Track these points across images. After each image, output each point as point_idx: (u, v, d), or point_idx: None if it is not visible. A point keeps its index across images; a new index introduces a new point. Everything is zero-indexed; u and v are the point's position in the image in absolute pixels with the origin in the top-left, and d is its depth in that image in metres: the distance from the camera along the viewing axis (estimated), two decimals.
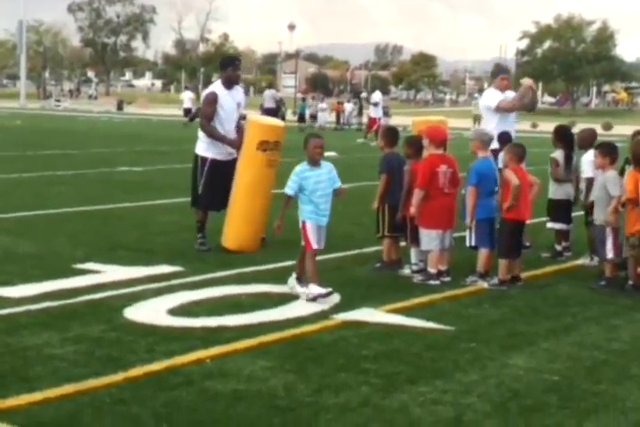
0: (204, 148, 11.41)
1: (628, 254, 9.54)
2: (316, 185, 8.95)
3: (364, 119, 45.04)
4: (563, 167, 10.94)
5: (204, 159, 11.34)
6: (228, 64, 11.54)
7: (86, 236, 11.81)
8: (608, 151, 9.74)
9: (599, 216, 9.61)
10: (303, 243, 9.07)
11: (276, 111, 49.34)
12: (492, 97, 12.28)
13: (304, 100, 55.65)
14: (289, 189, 9.03)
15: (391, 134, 10.58)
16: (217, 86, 11.52)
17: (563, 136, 11.14)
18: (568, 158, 10.99)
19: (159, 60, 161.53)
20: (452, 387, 6.24)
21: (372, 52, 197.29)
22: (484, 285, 9.49)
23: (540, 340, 7.54)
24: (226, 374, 6.36)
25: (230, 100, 11.39)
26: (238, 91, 11.66)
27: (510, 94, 12.33)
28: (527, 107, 12.49)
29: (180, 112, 52.61)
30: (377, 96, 41.66)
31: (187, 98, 50.99)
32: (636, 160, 9.48)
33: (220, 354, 6.81)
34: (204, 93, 11.95)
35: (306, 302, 8.58)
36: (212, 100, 11.32)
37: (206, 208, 11.42)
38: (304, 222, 9.05)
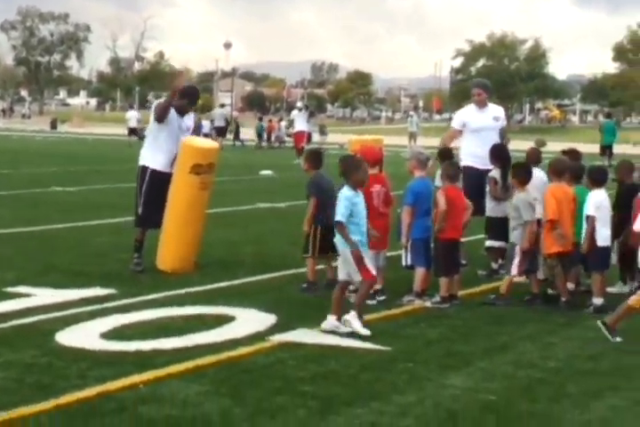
0: (145, 156, 11.15)
1: (547, 275, 9.66)
2: (363, 210, 8.65)
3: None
4: (500, 186, 10.98)
5: (144, 169, 11.07)
6: (186, 95, 11.24)
7: (18, 258, 11.60)
8: (518, 172, 9.88)
9: (512, 233, 9.76)
10: (343, 276, 8.58)
11: (225, 129, 49.59)
12: (456, 115, 12.44)
13: (261, 119, 55.69)
14: (341, 215, 8.40)
15: (315, 157, 10.58)
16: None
17: (498, 155, 11.17)
18: (504, 177, 11.06)
19: (94, 79, 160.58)
20: (388, 409, 6.19)
21: (309, 70, 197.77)
22: (426, 303, 9.48)
23: (476, 359, 7.54)
24: (160, 399, 6.26)
25: (175, 122, 11.12)
26: (189, 118, 11.50)
27: (490, 110, 12.17)
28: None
29: (123, 131, 51.88)
30: (294, 113, 41.58)
31: (133, 117, 49.86)
32: (556, 175, 9.65)
33: (154, 379, 6.70)
34: (154, 104, 11.62)
35: (340, 331, 8.28)
36: (162, 116, 10.98)
37: (144, 225, 11.15)
38: (355, 252, 8.42)
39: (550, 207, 9.57)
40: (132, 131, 47.64)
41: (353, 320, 8.30)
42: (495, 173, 11.02)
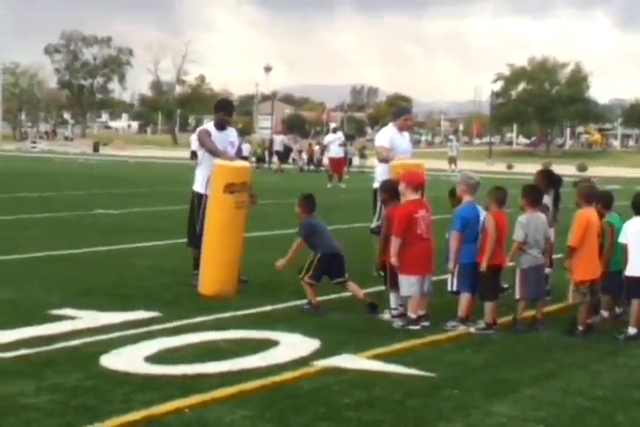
0: (200, 185, 11.60)
1: (577, 301, 9.53)
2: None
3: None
4: (550, 212, 10.82)
5: (199, 196, 11.52)
6: (220, 108, 11.85)
7: (62, 280, 11.65)
8: (528, 193, 9.82)
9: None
10: None
11: (285, 154, 49.98)
12: (381, 135, 12.74)
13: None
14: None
15: (308, 202, 10.70)
16: (209, 126, 11.88)
17: (550, 179, 11.05)
18: (556, 200, 10.96)
19: (136, 102, 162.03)
20: None
21: (348, 94, 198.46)
22: (470, 329, 9.42)
23: (523, 387, 7.45)
24: (205, 424, 6.23)
25: (221, 141, 11.64)
26: (231, 132, 11.97)
27: (406, 135, 12.66)
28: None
29: (163, 154, 52.19)
30: (328, 137, 41.25)
31: (195, 140, 50.22)
32: (586, 201, 9.55)
33: (200, 403, 6.67)
34: (197, 131, 12.25)
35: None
36: (206, 132, 11.71)
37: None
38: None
39: (575, 234, 9.44)
40: (194, 154, 48.13)
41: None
42: (547, 199, 10.76)
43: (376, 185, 12.25)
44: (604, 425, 6.55)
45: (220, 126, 11.78)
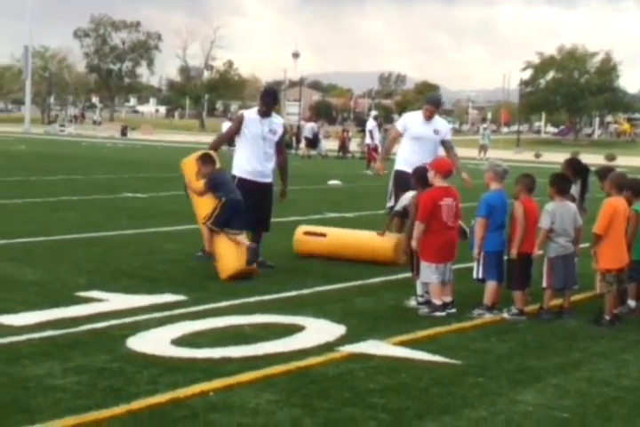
0: (234, 165, 11.96)
1: (604, 291, 9.49)
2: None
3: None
4: (577, 201, 10.76)
5: (233, 177, 11.79)
6: (266, 96, 12.10)
7: (89, 263, 11.71)
8: (556, 182, 9.77)
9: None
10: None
11: (314, 141, 50.10)
12: (401, 118, 13.50)
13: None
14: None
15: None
16: (252, 110, 12.17)
17: (577, 168, 10.98)
18: (583, 189, 10.89)
19: (164, 87, 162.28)
20: (460, 424, 6.11)
21: (376, 81, 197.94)
22: (504, 315, 9.40)
23: (548, 375, 7.42)
24: (230, 407, 6.25)
25: (258, 126, 11.82)
26: (275, 119, 12.10)
27: (437, 123, 12.92)
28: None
29: (193, 139, 52.21)
30: (370, 124, 41.24)
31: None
32: (617, 189, 9.48)
33: (225, 386, 6.69)
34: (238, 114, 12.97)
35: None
36: (238, 119, 12.17)
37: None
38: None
39: (600, 221, 9.38)
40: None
41: None
42: (573, 189, 10.70)
43: (397, 167, 12.90)
44: (630, 415, 6.51)
45: (263, 113, 11.91)
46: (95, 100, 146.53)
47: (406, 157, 12.75)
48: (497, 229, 9.53)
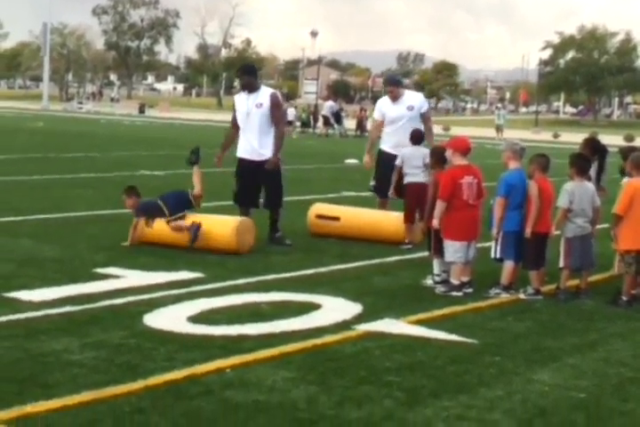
0: (237, 146, 12.27)
1: (622, 271, 9.46)
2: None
3: None
4: (594, 180, 10.72)
5: (236, 158, 12.18)
6: (238, 72, 12.51)
7: (107, 240, 11.74)
8: (576, 162, 9.72)
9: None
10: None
11: (336, 120, 50.24)
12: (375, 108, 13.55)
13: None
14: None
15: None
16: (239, 94, 12.44)
17: (594, 147, 10.93)
18: (600, 170, 10.85)
19: (181, 65, 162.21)
20: (476, 402, 6.12)
21: (394, 60, 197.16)
22: (520, 295, 9.39)
23: (565, 355, 7.41)
24: (246, 384, 6.27)
25: (244, 103, 12.00)
26: (262, 93, 12.07)
27: (406, 101, 12.92)
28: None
29: (211, 117, 52.32)
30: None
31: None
32: (637, 169, 9.40)
33: (241, 363, 6.71)
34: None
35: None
36: (233, 106, 12.43)
37: (239, 205, 12.23)
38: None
39: (621, 202, 9.34)
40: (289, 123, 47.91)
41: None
42: (592, 169, 10.63)
43: (381, 146, 13.23)
44: None
45: (244, 89, 12.16)
46: (113, 77, 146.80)
47: (389, 138, 12.96)
48: (515, 209, 9.49)
